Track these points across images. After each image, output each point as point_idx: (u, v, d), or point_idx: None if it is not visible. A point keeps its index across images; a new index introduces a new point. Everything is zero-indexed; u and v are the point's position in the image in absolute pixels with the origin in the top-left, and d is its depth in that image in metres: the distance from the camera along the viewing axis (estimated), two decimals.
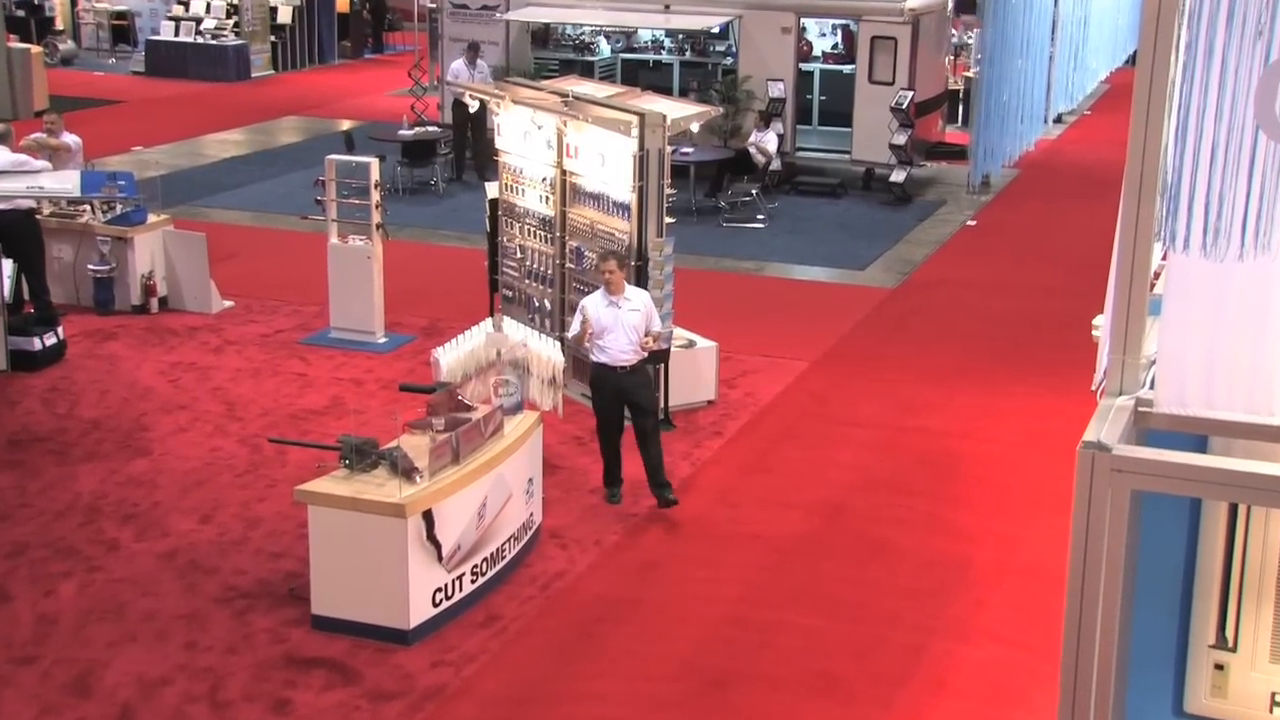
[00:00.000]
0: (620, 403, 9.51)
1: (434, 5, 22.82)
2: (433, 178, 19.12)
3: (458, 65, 19.35)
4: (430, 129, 19.36)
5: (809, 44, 20.38)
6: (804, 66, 19.84)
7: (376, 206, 12.65)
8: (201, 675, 7.72)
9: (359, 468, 8.11)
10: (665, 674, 7.83)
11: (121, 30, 30.98)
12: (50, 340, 12.30)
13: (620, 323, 9.40)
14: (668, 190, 10.96)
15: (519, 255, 12.01)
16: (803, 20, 19.35)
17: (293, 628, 8.17)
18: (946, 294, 14.92)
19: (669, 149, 10.98)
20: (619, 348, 9.40)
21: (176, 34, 28.69)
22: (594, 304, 9.50)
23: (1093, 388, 4.59)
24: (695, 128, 12.11)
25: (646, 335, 9.45)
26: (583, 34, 21.37)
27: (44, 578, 8.68)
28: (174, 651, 7.94)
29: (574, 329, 9.62)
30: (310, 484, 8.14)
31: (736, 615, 8.47)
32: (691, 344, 11.57)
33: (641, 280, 10.51)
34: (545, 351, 10.12)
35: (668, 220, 11.03)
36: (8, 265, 12.72)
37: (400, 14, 32.83)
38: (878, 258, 16.28)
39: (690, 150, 17.85)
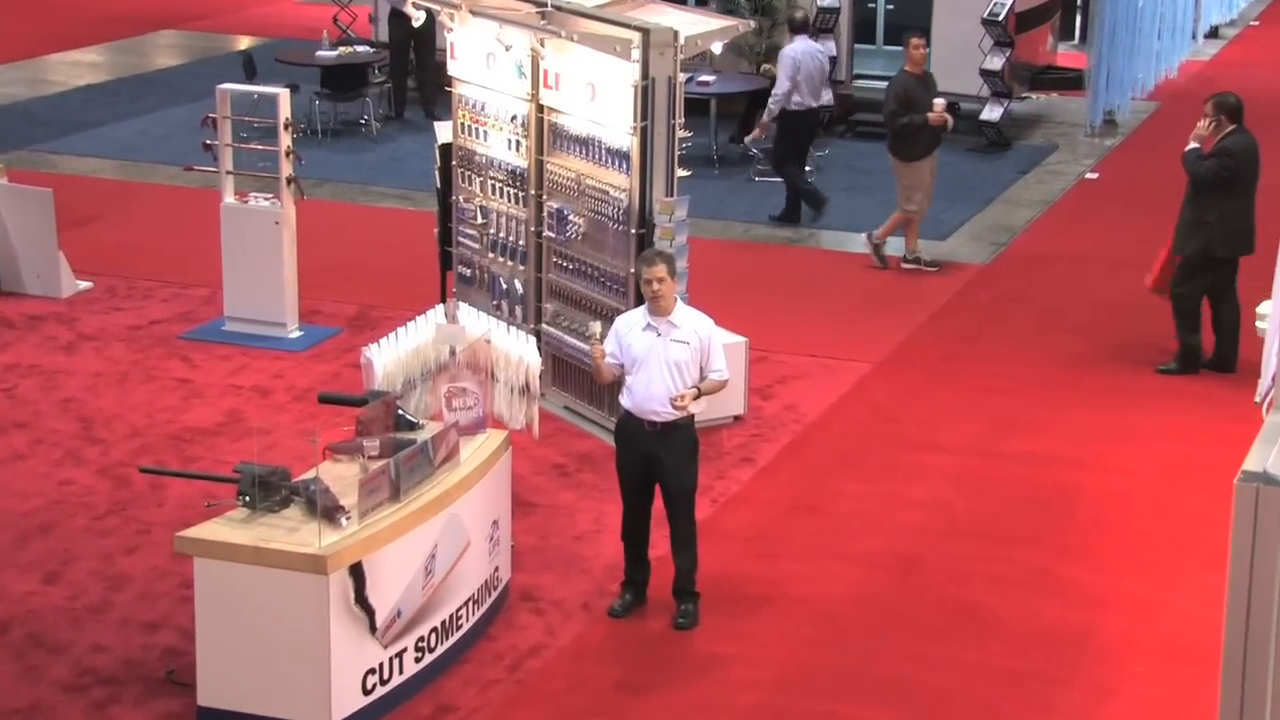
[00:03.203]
0: (646, 471, 9.06)
1: None
2: (364, 115, 19.12)
3: None
4: (360, 49, 19.37)
5: None
6: None
7: (287, 154, 12.66)
8: None
9: (263, 506, 8.11)
10: None
11: None
12: None
13: (656, 356, 8.86)
14: (680, 133, 10.96)
15: (480, 220, 12.02)
16: None
17: None
18: (1057, 272, 14.91)
19: (682, 77, 10.98)
20: (648, 393, 8.85)
21: None
22: (626, 325, 9.08)
23: (1256, 399, 4.61)
24: (718, 48, 12.10)
25: (691, 388, 8.84)
26: None
27: None
28: None
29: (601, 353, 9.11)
30: (197, 529, 8.14)
31: (774, 706, 8.46)
32: None
33: (640, 252, 10.48)
34: (515, 350, 10.12)
35: (680, 173, 11.02)
36: None
37: None
38: (964, 223, 16.27)
39: (711, 79, 17.85)
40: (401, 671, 8.30)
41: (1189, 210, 12.49)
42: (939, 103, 14.78)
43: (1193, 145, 12.60)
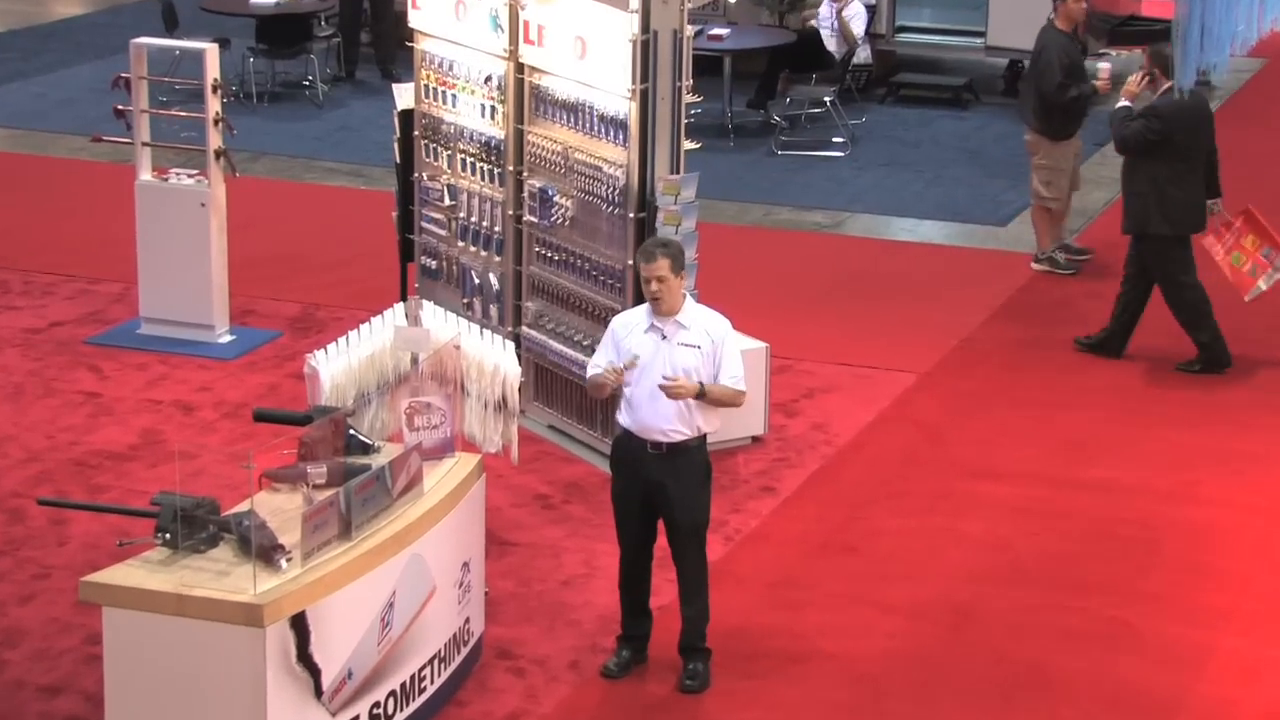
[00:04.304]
0: (648, 502, 9.06)
1: None
2: (308, 75, 19.13)
3: None
4: None
5: None
6: None
7: (216, 123, 12.67)
8: None
9: (187, 545, 8.11)
10: None
11: None
12: None
13: (662, 363, 8.87)
14: (689, 97, 10.97)
15: (448, 202, 12.03)
16: None
17: None
18: None
19: (691, 30, 10.99)
20: (653, 408, 8.85)
21: None
22: (625, 326, 9.07)
23: None
24: None
25: (695, 382, 8.81)
26: None
27: None
28: None
29: (594, 363, 9.12)
30: (106, 573, 8.13)
31: None
32: None
33: (640, 240, 10.51)
34: (490, 358, 10.13)
35: (688, 145, 11.04)
36: None
37: None
38: (1028, 206, 16.28)
39: (725, 32, 17.88)
40: None
41: (1122, 182, 12.76)
42: (1104, 67, 14.90)
43: (1123, 103, 12.77)
